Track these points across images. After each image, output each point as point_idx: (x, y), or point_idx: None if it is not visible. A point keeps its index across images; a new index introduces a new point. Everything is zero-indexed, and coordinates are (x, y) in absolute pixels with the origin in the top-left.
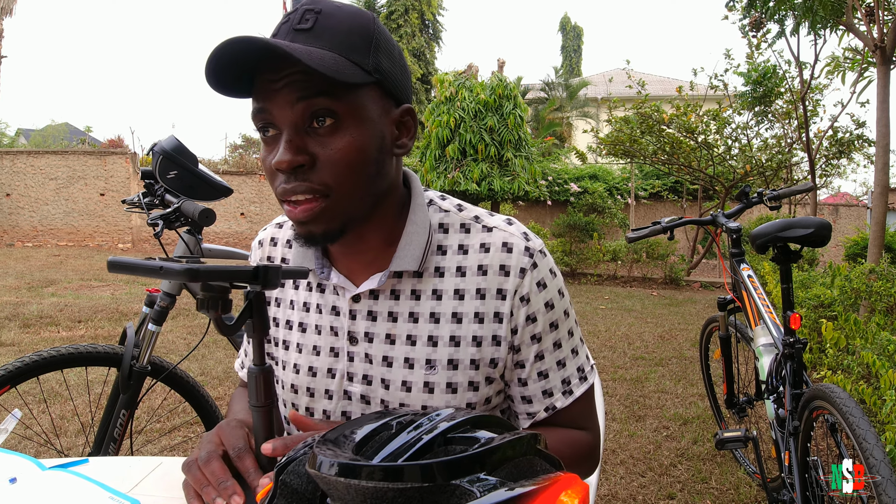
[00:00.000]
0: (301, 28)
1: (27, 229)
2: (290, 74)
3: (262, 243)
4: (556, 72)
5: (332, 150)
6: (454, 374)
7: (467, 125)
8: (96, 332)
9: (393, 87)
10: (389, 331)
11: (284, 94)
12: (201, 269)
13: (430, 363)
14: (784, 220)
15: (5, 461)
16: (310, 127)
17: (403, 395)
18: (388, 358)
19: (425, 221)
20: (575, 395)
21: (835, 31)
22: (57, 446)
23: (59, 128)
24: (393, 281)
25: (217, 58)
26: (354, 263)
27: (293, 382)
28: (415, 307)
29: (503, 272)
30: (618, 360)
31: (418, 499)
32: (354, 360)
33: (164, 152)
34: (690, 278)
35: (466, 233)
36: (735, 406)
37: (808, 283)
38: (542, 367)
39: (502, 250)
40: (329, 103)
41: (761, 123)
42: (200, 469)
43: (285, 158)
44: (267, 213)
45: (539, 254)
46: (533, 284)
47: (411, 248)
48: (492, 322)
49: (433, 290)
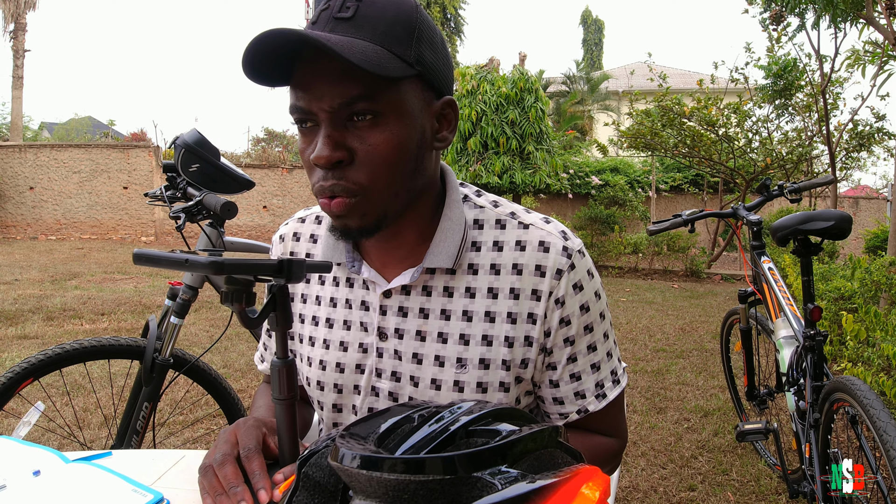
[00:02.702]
0: (342, 17)
1: (51, 222)
2: (329, 68)
3: (284, 238)
4: (578, 65)
5: (370, 146)
6: (485, 374)
7: (489, 118)
8: (119, 325)
9: (434, 79)
10: (420, 327)
11: (324, 89)
12: (226, 262)
13: (461, 362)
14: (804, 213)
15: (29, 454)
16: (349, 121)
17: (433, 393)
18: (417, 355)
19: (460, 218)
20: (608, 399)
21: (855, 25)
22: (80, 439)
23: (83, 121)
24: (425, 277)
25: (254, 50)
26: (387, 258)
27: (320, 379)
28: (447, 304)
29: (539, 272)
30: (639, 352)
31: (440, 491)
32: (383, 356)
33: (187, 145)
34: (711, 271)
35: (502, 229)
36: (756, 398)
37: (828, 276)
38: (574, 370)
39: (539, 249)
40: (369, 98)
41: (782, 116)
42: (215, 473)
43: (324, 154)
44: (289, 207)
45: (577, 254)
46: (569, 286)
47: (446, 244)
48: (525, 323)
49: (466, 287)
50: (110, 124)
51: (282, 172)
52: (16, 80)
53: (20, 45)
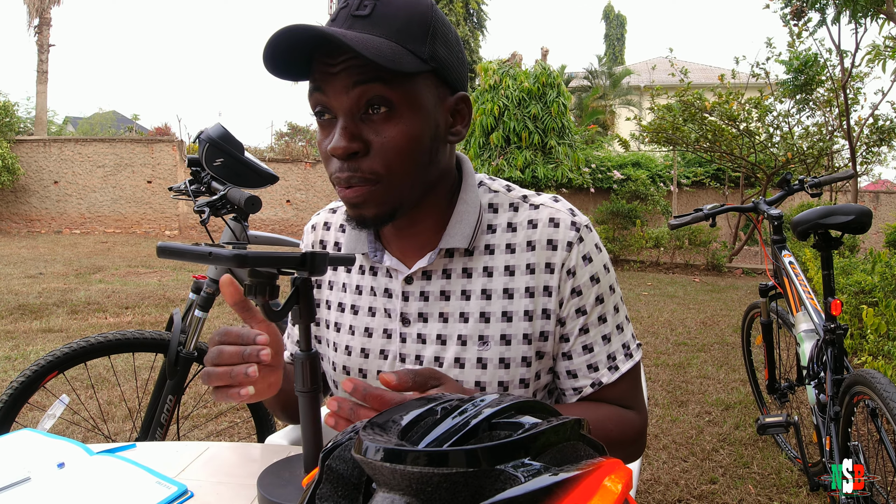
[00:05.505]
0: (359, 14)
1: (75, 216)
2: (346, 61)
3: (316, 227)
4: (600, 60)
5: (385, 138)
6: (507, 350)
7: (511, 113)
8: (143, 319)
9: (448, 75)
10: (442, 309)
11: (341, 81)
12: (249, 255)
13: (482, 339)
14: (825, 207)
15: (53, 446)
16: (364, 114)
17: (457, 372)
18: (441, 336)
19: (476, 201)
20: (621, 371)
21: (875, 20)
22: (104, 431)
23: (107, 116)
24: (445, 260)
25: (275, 45)
26: (407, 246)
27: (345, 364)
28: (466, 285)
29: (551, 246)
30: (660, 345)
31: (463, 483)
32: (407, 341)
33: (211, 140)
34: (732, 265)
35: (515, 211)
36: (776, 391)
37: (848, 270)
38: (586, 341)
39: (549, 225)
40: (384, 91)
41: (802, 111)
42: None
43: (340, 145)
44: (313, 201)
45: (585, 228)
46: (579, 258)
47: (461, 226)
48: (542, 296)
49: (484, 267)
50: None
51: (305, 167)
52: (40, 75)
53: (45, 40)
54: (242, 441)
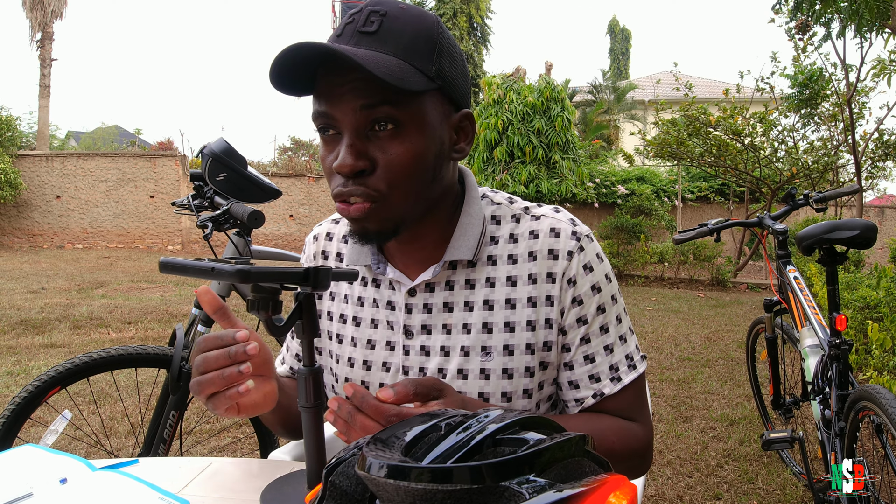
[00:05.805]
0: (366, 31)
1: (77, 231)
2: (354, 80)
3: (318, 238)
4: (604, 74)
5: (391, 156)
6: (510, 360)
7: (515, 127)
8: (146, 334)
9: (453, 92)
10: (446, 321)
11: (348, 100)
12: (252, 270)
13: (485, 350)
14: (830, 222)
15: (56, 462)
16: (370, 131)
17: (460, 383)
18: (444, 347)
19: (479, 213)
20: (624, 383)
21: (881, 34)
22: (107, 447)
23: (109, 130)
24: (448, 272)
25: (282, 62)
26: (410, 259)
27: (347, 376)
28: (469, 296)
29: (552, 256)
30: (665, 361)
31: (467, 500)
32: (410, 353)
33: (214, 154)
34: (737, 280)
35: (517, 222)
36: (781, 407)
37: (853, 285)
38: (588, 351)
39: (550, 235)
40: (391, 110)
41: (807, 126)
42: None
43: (347, 163)
44: (316, 216)
45: (586, 238)
46: (579, 267)
47: (465, 238)
48: (544, 305)
49: (487, 277)
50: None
51: (308, 181)
52: (43, 89)
53: (47, 55)
54: (245, 456)
